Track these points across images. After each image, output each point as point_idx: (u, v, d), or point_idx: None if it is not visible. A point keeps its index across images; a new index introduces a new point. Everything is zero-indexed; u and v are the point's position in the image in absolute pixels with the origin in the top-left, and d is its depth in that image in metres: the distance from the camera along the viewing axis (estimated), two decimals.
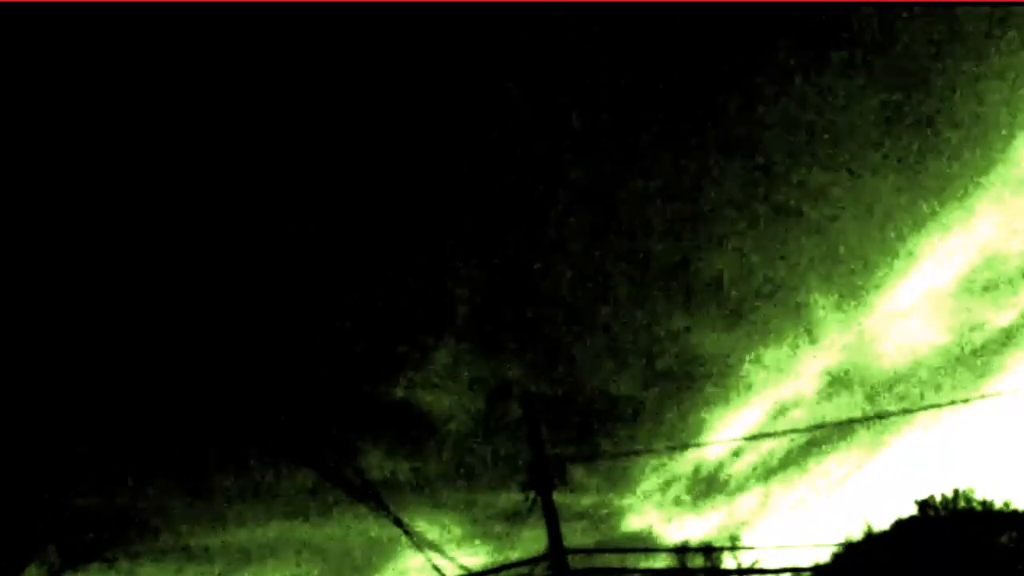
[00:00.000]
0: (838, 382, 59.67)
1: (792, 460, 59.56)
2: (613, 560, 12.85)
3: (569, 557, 12.18)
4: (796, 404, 60.11)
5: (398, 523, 11.56)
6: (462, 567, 12.76)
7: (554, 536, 12.30)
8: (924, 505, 29.74)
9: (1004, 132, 45.33)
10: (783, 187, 47.88)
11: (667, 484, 58.27)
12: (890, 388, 58.77)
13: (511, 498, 13.07)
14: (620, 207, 44.66)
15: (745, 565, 32.72)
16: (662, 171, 43.56)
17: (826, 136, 45.37)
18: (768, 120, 43.01)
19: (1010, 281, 53.70)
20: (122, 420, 20.39)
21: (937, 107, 44.29)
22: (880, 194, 49.05)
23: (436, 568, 12.18)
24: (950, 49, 40.89)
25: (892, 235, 52.35)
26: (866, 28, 39.44)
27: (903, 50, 40.96)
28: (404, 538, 11.83)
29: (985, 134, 45.76)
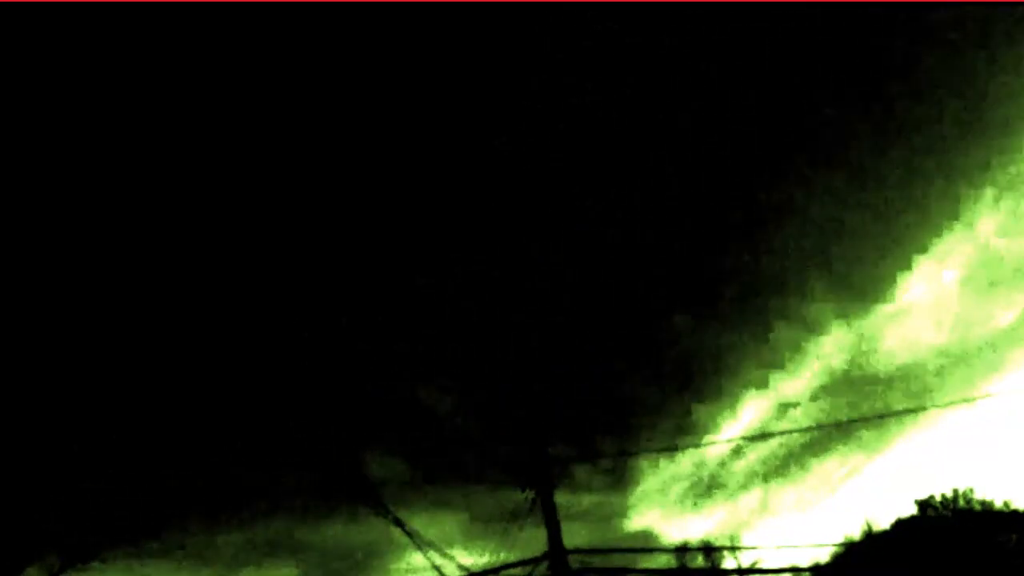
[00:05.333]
0: (839, 382, 59.66)
1: (792, 460, 59.53)
2: (613, 560, 12.83)
3: (569, 557, 12.18)
4: (796, 404, 60.07)
5: (398, 523, 11.57)
6: (462, 567, 12.76)
7: (554, 536, 12.31)
8: (924, 505, 29.76)
9: (1006, 130, 45.34)
10: (784, 185, 47.89)
11: (667, 484, 58.26)
12: (890, 388, 58.75)
13: (511, 498, 13.08)
14: (620, 206, 44.67)
15: (745, 565, 32.74)
16: (662, 170, 43.57)
17: (827, 134, 45.41)
18: (769, 118, 43.01)
19: (1011, 280, 53.70)
20: (122, 420, 20.38)
21: (939, 104, 44.32)
22: (881, 192, 49.08)
23: (436, 568, 12.19)
24: (954, 44, 40.91)
25: (893, 234, 52.38)
26: (867, 26, 39.44)
27: (906, 46, 40.97)
28: (404, 538, 11.84)
29: (987, 132, 45.78)
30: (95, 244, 20.23)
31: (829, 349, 58.99)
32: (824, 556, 30.55)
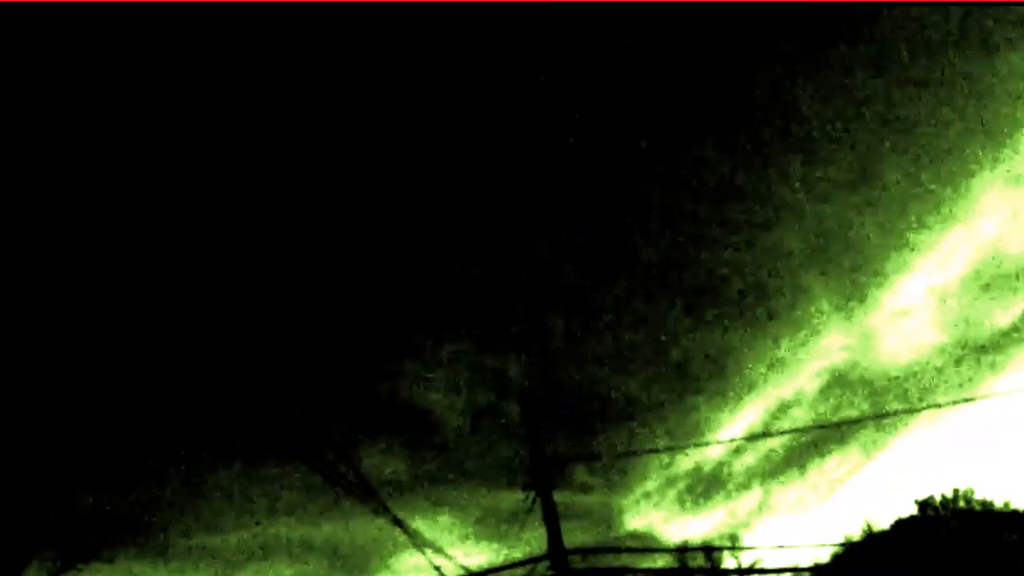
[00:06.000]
0: (839, 381, 59.63)
1: (792, 460, 59.52)
2: (613, 560, 12.84)
3: (569, 557, 12.18)
4: (796, 403, 60.06)
5: (398, 523, 11.56)
6: (462, 567, 12.76)
7: (554, 536, 12.30)
8: (924, 505, 29.77)
9: (1008, 129, 45.32)
10: (784, 184, 47.87)
11: (667, 484, 58.24)
12: (891, 387, 58.75)
13: (511, 498, 13.07)
14: (620, 205, 44.66)
15: (745, 565, 32.77)
16: (662, 169, 43.55)
17: (828, 133, 45.38)
18: (769, 118, 43.00)
19: (1012, 279, 53.66)
20: (122, 420, 20.38)
21: (940, 103, 44.31)
22: (882, 192, 49.07)
23: (436, 568, 12.18)
24: (954, 44, 40.90)
25: (893, 233, 52.37)
26: (867, 23, 39.44)
27: (906, 46, 40.96)
28: (404, 538, 11.83)
29: (989, 130, 45.75)
30: (95, 244, 20.22)
31: (829, 349, 58.95)
32: (824, 556, 30.56)
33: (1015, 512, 27.53)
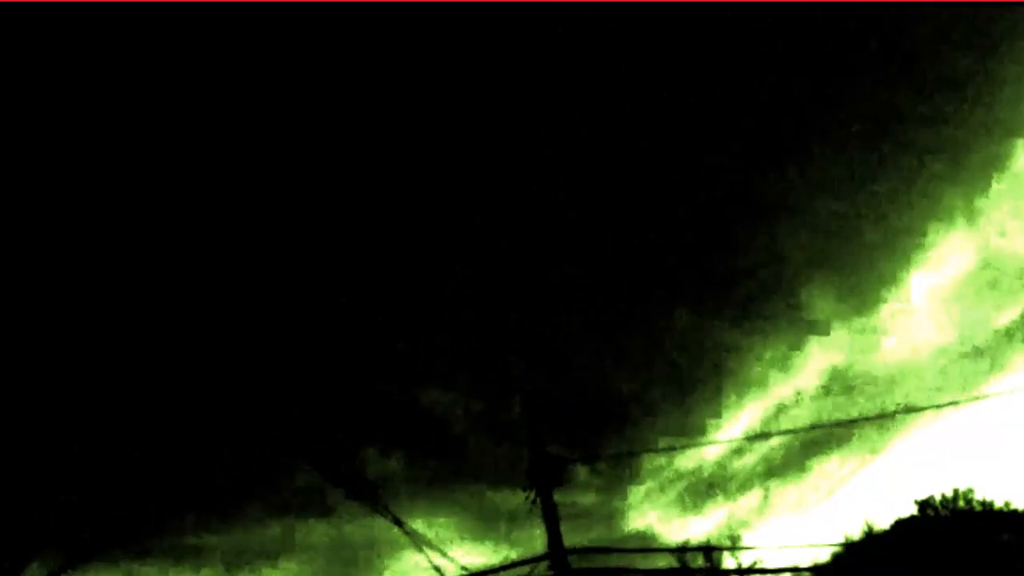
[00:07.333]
0: (839, 381, 59.62)
1: (792, 460, 59.54)
2: (613, 560, 12.84)
3: (569, 557, 12.17)
4: (797, 403, 60.03)
5: (398, 523, 11.57)
6: (462, 567, 12.75)
7: (554, 536, 12.30)
8: (924, 505, 29.78)
9: (1008, 130, 45.33)
10: (785, 184, 47.89)
11: (667, 484, 58.26)
12: (891, 387, 58.74)
13: (511, 498, 13.08)
14: (621, 206, 44.64)
15: (745, 565, 32.78)
16: (662, 168, 43.55)
17: (830, 133, 45.39)
18: (771, 118, 43.00)
19: (1012, 279, 53.69)
20: (122, 420, 20.38)
21: (941, 104, 44.31)
22: (882, 192, 49.06)
23: (436, 568, 12.18)
24: (954, 44, 40.90)
25: (894, 233, 52.37)
26: (868, 24, 39.43)
27: (906, 46, 40.96)
28: (404, 538, 11.84)
29: (989, 132, 45.76)
30: (95, 244, 20.23)
31: (829, 349, 58.94)
32: (824, 556, 30.57)
33: (1015, 512, 27.55)
